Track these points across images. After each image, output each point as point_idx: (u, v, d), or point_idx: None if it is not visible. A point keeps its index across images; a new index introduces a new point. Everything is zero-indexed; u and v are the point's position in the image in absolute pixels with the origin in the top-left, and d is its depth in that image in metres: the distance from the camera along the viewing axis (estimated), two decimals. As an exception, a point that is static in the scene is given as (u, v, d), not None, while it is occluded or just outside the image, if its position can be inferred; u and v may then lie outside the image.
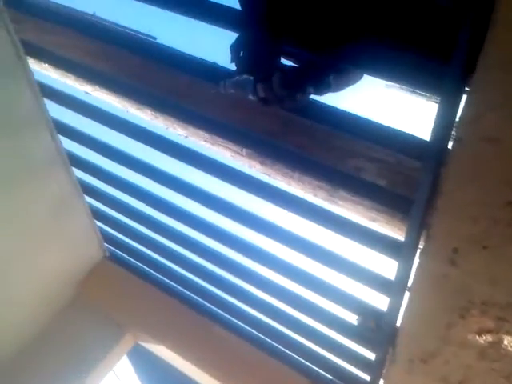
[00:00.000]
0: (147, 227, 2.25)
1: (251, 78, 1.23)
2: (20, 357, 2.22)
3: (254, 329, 2.23)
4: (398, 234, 1.31)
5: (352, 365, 1.95)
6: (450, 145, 0.96)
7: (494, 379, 1.37)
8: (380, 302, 1.59)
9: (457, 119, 0.89)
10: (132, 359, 4.59)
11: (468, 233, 1.06)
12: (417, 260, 1.24)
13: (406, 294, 1.38)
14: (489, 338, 1.29)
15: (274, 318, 2.11)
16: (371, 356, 1.81)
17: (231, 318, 2.28)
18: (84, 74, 1.71)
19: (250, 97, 1.26)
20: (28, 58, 1.73)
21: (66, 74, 1.76)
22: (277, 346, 2.19)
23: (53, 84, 1.93)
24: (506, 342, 1.25)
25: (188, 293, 2.39)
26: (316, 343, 2.02)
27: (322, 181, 1.32)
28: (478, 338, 1.31)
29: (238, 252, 1.94)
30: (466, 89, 0.81)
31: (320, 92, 1.27)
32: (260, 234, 1.76)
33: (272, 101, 1.23)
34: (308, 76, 1.23)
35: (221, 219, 1.85)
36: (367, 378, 1.91)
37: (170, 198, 2.02)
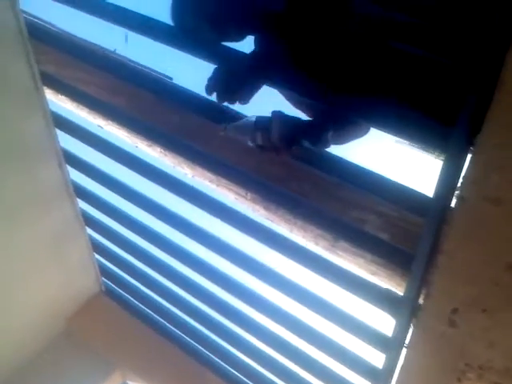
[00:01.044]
0: (146, 264, 2.23)
1: (252, 125, 1.26)
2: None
3: (245, 377, 2.18)
4: (397, 289, 1.29)
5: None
6: (453, 203, 0.96)
7: None
8: (376, 358, 1.56)
9: (461, 178, 0.89)
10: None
11: (468, 294, 1.05)
12: (415, 317, 1.23)
13: (403, 352, 1.36)
14: (485, 403, 1.25)
15: (267, 367, 2.06)
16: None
17: (224, 365, 2.23)
18: (98, 108, 1.74)
19: (249, 143, 1.30)
20: (45, 88, 1.77)
21: (81, 106, 1.80)
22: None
23: (66, 115, 1.97)
24: (501, 409, 1.22)
25: (181, 334, 2.35)
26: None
27: (324, 230, 1.32)
28: (473, 403, 1.27)
29: (236, 297, 1.92)
30: (471, 149, 0.83)
31: (317, 147, 1.29)
32: (259, 280, 1.74)
33: (269, 149, 1.26)
34: (306, 131, 1.26)
35: (221, 261, 1.84)
36: None
37: (171, 236, 2.02)
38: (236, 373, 2.21)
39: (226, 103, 1.28)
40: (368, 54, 1.08)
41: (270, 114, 1.29)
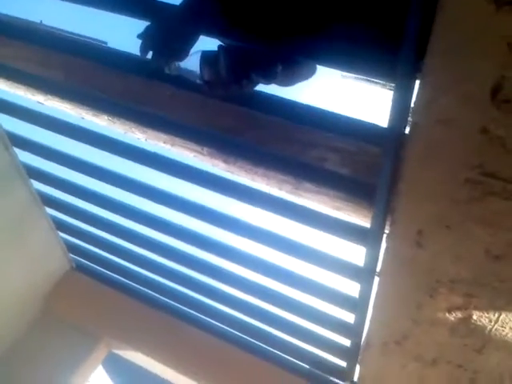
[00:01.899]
0: (112, 234, 2.22)
1: (198, 60, 1.23)
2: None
3: (227, 326, 2.24)
4: (364, 221, 1.32)
5: (328, 353, 1.98)
6: (407, 130, 0.98)
7: (467, 353, 1.41)
8: (351, 289, 1.62)
9: (412, 104, 0.91)
10: (107, 368, 4.52)
11: (430, 214, 1.08)
12: (384, 245, 1.27)
13: (376, 280, 1.41)
14: (458, 314, 1.32)
15: (246, 314, 2.12)
16: (346, 343, 1.84)
17: (204, 317, 2.29)
18: (34, 84, 1.66)
19: (197, 80, 1.26)
20: (-25, 70, 1.67)
21: (16, 84, 1.71)
22: (252, 340, 2.20)
23: (4, 96, 1.87)
24: (475, 317, 1.29)
25: (158, 296, 2.38)
26: (291, 335, 2.04)
27: (286, 174, 1.32)
28: (448, 315, 1.34)
29: (207, 251, 1.93)
30: (419, 74, 0.83)
31: (266, 81, 1.27)
32: (227, 231, 1.76)
33: (217, 85, 1.23)
34: (254, 62, 1.23)
35: (187, 219, 1.84)
36: (343, 364, 1.94)
37: (132, 202, 1.99)
38: (217, 323, 2.26)
39: (163, 63, 1.23)
40: None
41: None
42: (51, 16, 1.73)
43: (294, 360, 2.12)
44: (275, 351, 2.15)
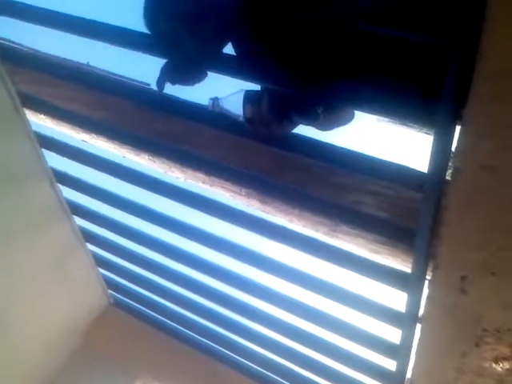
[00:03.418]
0: (150, 271, 2.23)
1: (241, 98, 1.24)
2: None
3: (266, 369, 2.20)
4: (403, 265, 1.29)
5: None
6: (448, 174, 0.95)
7: (514, 407, 1.33)
8: (393, 335, 1.56)
9: (453, 150, 0.89)
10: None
11: (474, 260, 1.04)
12: (426, 290, 1.23)
13: (418, 326, 1.36)
14: (506, 365, 1.26)
15: (285, 357, 2.07)
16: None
17: (244, 361, 2.25)
18: (79, 123, 1.72)
19: (238, 118, 1.28)
20: (25, 109, 1.75)
21: (62, 123, 1.77)
22: (284, 382, 2.15)
23: (50, 134, 1.94)
24: (524, 369, 1.22)
25: (196, 335, 2.36)
26: (331, 381, 1.98)
27: (322, 216, 1.31)
28: (494, 365, 1.28)
29: (244, 291, 1.92)
30: (459, 120, 0.82)
31: (307, 122, 1.27)
32: (265, 273, 1.74)
33: (258, 124, 1.24)
34: (296, 104, 1.24)
35: (225, 259, 1.84)
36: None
37: (172, 241, 2.01)
38: (254, 366, 2.22)
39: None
40: (345, 39, 1.06)
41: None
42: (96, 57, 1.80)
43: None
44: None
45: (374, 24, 0.92)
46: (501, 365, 1.27)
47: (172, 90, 1.45)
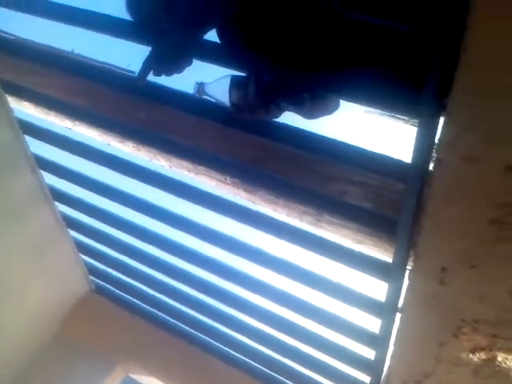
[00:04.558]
0: (133, 258, 2.23)
1: (227, 83, 1.24)
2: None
3: (244, 356, 2.21)
4: (385, 255, 1.30)
5: (347, 389, 1.93)
6: (431, 166, 0.97)
7: (490, 397, 1.36)
8: (372, 324, 1.58)
9: (436, 141, 0.90)
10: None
11: (455, 252, 1.06)
12: (406, 280, 1.24)
13: (398, 316, 1.38)
14: (482, 355, 1.28)
15: (265, 345, 2.09)
16: (366, 379, 1.80)
17: (222, 347, 2.27)
18: (63, 110, 1.70)
19: (224, 102, 1.28)
20: (8, 96, 1.72)
21: (46, 110, 1.75)
22: (269, 372, 2.17)
23: (34, 121, 1.92)
24: (499, 359, 1.25)
25: (177, 323, 2.37)
26: (310, 369, 2.00)
27: (307, 206, 1.32)
28: (471, 355, 1.30)
29: (227, 280, 1.92)
30: (443, 111, 0.82)
31: (293, 107, 1.27)
32: (248, 261, 1.75)
33: (244, 109, 1.24)
34: (283, 90, 1.24)
35: (208, 247, 1.84)
36: (363, 401, 1.89)
37: (154, 228, 2.01)
38: (235, 353, 2.24)
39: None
40: (331, 28, 1.06)
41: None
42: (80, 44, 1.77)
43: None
44: (293, 386, 2.12)
45: (360, 13, 0.92)
46: (477, 355, 1.29)
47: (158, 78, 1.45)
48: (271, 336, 2.02)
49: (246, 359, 2.22)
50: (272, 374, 2.17)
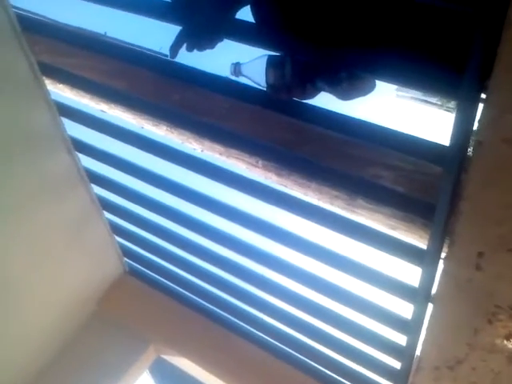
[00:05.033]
0: (166, 240, 2.26)
1: (263, 63, 1.24)
2: (42, 374, 2.25)
3: (276, 340, 2.23)
4: (419, 241, 1.29)
5: (377, 374, 1.93)
6: (469, 149, 0.95)
7: (524, 384, 1.34)
8: (405, 310, 1.57)
9: (476, 123, 0.88)
10: (154, 373, 4.59)
11: (492, 236, 1.04)
12: (441, 266, 1.23)
13: (431, 302, 1.37)
14: (518, 343, 1.26)
15: (296, 329, 2.10)
16: (396, 364, 1.79)
17: (254, 331, 2.28)
18: (98, 93, 1.73)
19: (261, 84, 1.27)
20: (44, 78, 1.75)
21: (81, 92, 1.79)
22: (300, 357, 2.18)
23: (69, 103, 1.96)
24: (535, 347, 1.23)
25: (209, 305, 2.39)
26: (340, 353, 2.00)
27: (340, 190, 1.31)
28: (506, 342, 1.28)
29: (259, 263, 1.93)
30: (484, 93, 0.80)
31: (330, 87, 1.26)
32: (280, 244, 1.75)
33: (281, 89, 1.23)
34: (320, 69, 1.23)
35: (241, 231, 1.85)
36: (393, 386, 1.88)
37: (187, 210, 2.03)
38: (267, 337, 2.25)
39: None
40: (369, 6, 1.04)
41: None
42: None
43: (341, 379, 2.08)
44: (323, 369, 2.12)
45: None
46: (512, 342, 1.27)
47: (191, 60, 1.46)
48: (302, 320, 2.02)
49: (278, 343, 2.23)
50: (301, 357, 2.18)
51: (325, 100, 1.34)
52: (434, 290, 1.33)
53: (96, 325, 2.43)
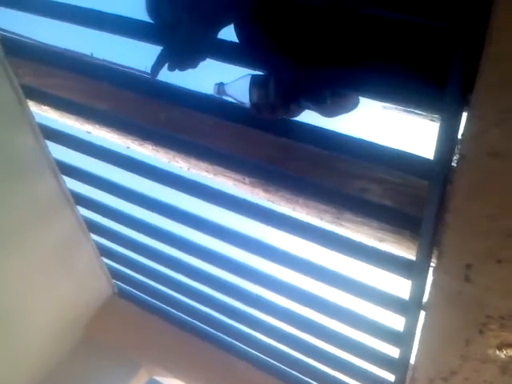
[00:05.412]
0: (155, 261, 2.24)
1: (247, 83, 1.24)
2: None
3: (269, 357, 2.21)
4: (408, 253, 1.29)
5: (371, 388, 1.92)
6: (454, 162, 0.95)
7: (518, 394, 1.34)
8: (396, 322, 1.57)
9: (459, 136, 0.88)
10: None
11: (480, 248, 1.05)
12: (430, 278, 1.23)
13: (422, 313, 1.37)
14: (509, 352, 1.26)
15: (288, 345, 2.09)
16: (390, 377, 1.78)
17: (247, 349, 2.26)
18: (84, 114, 1.72)
19: (244, 103, 1.27)
20: (28, 101, 1.74)
21: (66, 114, 1.78)
22: (294, 373, 2.16)
23: (54, 125, 1.94)
24: (528, 356, 1.23)
25: (200, 325, 2.37)
26: (334, 367, 1.99)
27: (327, 204, 1.31)
28: (498, 352, 1.28)
29: (249, 281, 1.92)
30: (467, 106, 0.81)
31: (314, 105, 1.26)
32: (270, 262, 1.74)
33: (265, 108, 1.23)
34: (304, 88, 1.23)
35: (229, 248, 1.84)
36: (388, 400, 1.87)
37: (175, 230, 2.01)
38: (259, 354, 2.24)
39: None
40: (351, 24, 1.05)
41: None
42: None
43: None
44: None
45: (379, 8, 0.91)
46: (504, 352, 1.27)
47: (175, 79, 1.45)
48: (295, 336, 2.01)
49: (271, 360, 2.21)
50: (295, 373, 2.16)
51: (310, 117, 1.35)
52: (424, 302, 1.33)
53: (86, 348, 2.39)
